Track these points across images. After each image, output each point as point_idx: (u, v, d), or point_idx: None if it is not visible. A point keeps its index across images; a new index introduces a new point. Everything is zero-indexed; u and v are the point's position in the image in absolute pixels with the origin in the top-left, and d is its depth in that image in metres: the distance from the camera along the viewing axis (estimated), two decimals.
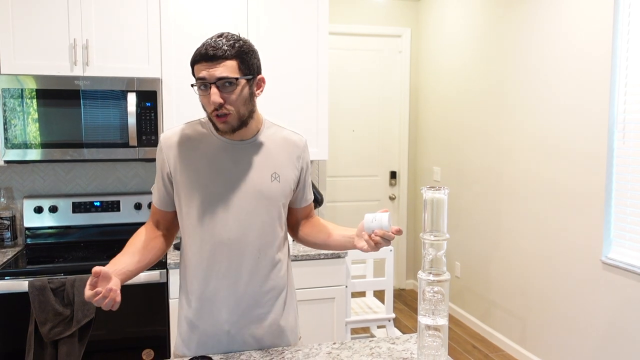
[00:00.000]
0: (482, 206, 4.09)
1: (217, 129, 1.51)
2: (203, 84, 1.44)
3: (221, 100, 1.43)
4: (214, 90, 1.43)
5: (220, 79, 1.43)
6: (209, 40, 1.46)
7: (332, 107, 4.92)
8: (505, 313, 3.84)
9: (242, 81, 1.46)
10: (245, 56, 1.46)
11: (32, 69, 2.67)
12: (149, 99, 2.75)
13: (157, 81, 2.76)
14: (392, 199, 5.17)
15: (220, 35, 1.47)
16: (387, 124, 5.11)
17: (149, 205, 3.02)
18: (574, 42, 3.11)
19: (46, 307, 2.38)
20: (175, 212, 1.63)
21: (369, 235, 1.46)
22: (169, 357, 2.60)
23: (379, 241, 1.44)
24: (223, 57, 1.42)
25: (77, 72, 2.71)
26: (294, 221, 1.73)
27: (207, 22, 2.89)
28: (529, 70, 3.50)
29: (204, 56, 1.43)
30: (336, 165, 4.95)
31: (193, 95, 2.88)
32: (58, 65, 2.70)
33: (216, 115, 1.46)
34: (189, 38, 2.86)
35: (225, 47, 1.43)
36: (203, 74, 1.43)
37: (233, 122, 1.48)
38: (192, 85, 1.48)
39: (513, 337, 3.75)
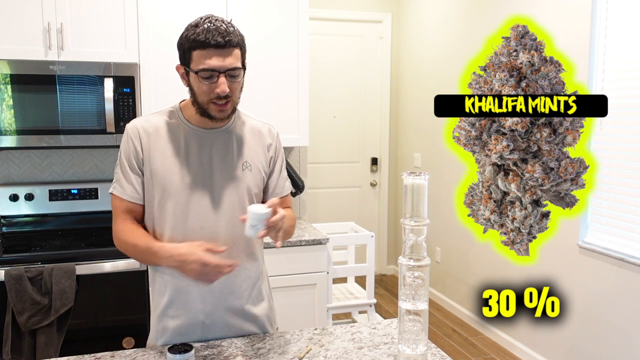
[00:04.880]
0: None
1: (209, 116, 1.46)
2: (210, 73, 1.38)
3: (229, 90, 1.40)
4: (223, 79, 1.39)
5: (232, 69, 1.39)
6: (210, 25, 1.36)
7: (312, 93, 4.87)
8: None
9: (243, 70, 1.44)
10: (243, 43, 1.44)
11: (6, 54, 2.59)
12: (126, 85, 2.70)
13: (134, 66, 2.71)
14: (373, 185, 5.18)
15: (215, 20, 1.39)
16: (368, 110, 5.10)
17: None
18: (552, 30, 3.12)
19: (23, 296, 2.35)
20: None
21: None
22: None
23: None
24: (232, 45, 1.38)
25: (52, 56, 2.65)
26: None
27: (186, 6, 2.83)
28: None
29: (215, 44, 1.35)
30: (317, 151, 4.94)
31: (172, 81, 2.82)
32: (32, 49, 2.63)
33: (215, 103, 1.42)
34: (167, 22, 2.81)
35: (231, 35, 1.38)
36: (213, 63, 1.36)
37: (229, 110, 1.46)
38: (190, 72, 1.40)
39: (492, 321, 3.80)
